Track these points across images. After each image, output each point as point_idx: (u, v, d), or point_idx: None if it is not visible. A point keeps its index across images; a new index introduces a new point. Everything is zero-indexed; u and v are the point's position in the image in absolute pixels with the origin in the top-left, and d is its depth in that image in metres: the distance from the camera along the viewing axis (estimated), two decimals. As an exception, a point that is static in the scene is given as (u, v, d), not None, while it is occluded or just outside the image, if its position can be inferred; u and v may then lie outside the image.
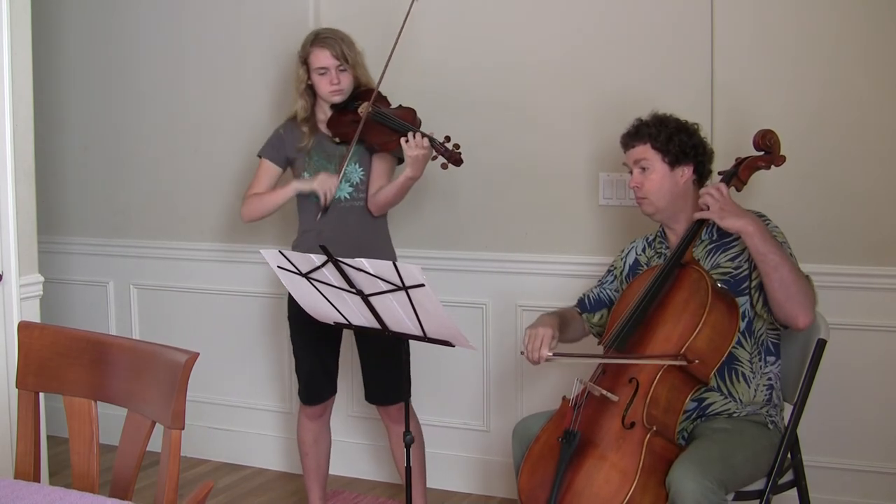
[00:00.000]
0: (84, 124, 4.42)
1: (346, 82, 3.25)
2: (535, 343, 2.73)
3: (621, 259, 3.03)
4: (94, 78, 4.38)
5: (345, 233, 3.25)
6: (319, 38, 3.25)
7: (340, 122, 3.25)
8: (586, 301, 3.03)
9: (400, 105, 3.27)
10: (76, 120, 4.44)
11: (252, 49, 4.03)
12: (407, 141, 3.10)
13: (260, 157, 3.40)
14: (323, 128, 3.30)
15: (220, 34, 4.09)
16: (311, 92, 3.30)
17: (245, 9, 4.03)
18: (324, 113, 3.30)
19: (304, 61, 3.27)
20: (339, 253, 2.67)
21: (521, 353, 2.78)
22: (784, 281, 2.59)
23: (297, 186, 3.28)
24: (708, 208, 2.68)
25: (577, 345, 3.00)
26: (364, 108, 3.20)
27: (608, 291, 3.01)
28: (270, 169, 3.37)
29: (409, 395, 3.36)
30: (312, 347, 3.37)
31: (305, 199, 3.32)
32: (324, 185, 3.20)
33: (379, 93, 3.26)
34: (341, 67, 3.22)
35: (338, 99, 3.25)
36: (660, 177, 2.81)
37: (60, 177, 4.46)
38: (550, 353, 2.71)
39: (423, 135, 3.12)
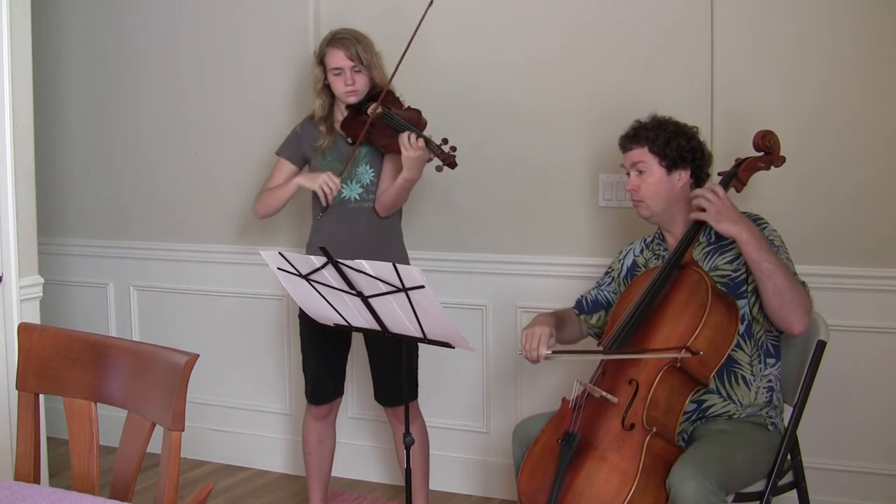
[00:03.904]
0: (84, 124, 4.42)
1: (361, 83, 3.25)
2: (532, 342, 2.73)
3: (619, 261, 3.04)
4: (94, 78, 4.38)
5: (355, 234, 3.26)
6: (335, 39, 3.25)
7: (353, 122, 3.25)
8: (584, 302, 3.04)
9: (408, 106, 3.27)
10: (76, 120, 4.44)
11: (252, 50, 4.03)
12: (403, 143, 3.10)
13: (278, 155, 3.41)
14: (339, 128, 3.31)
15: (221, 35, 4.09)
16: (328, 92, 3.31)
17: (245, 10, 4.03)
18: (341, 113, 3.31)
19: (321, 61, 3.28)
20: (349, 254, 2.67)
21: (519, 353, 2.78)
22: (779, 288, 2.59)
23: (299, 182, 3.27)
24: (703, 210, 2.68)
25: (576, 345, 3.00)
26: (372, 110, 3.20)
27: (605, 293, 3.01)
28: (286, 166, 3.37)
29: (417, 396, 3.38)
30: (320, 347, 3.37)
31: (318, 199, 3.32)
32: (324, 185, 3.20)
33: (392, 94, 3.26)
34: (356, 68, 3.22)
35: (353, 99, 3.25)
36: (656, 180, 2.81)
37: (60, 178, 4.46)
38: (549, 352, 2.71)
39: (420, 136, 3.12)
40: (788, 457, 2.71)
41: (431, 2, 3.18)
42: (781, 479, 2.69)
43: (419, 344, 2.94)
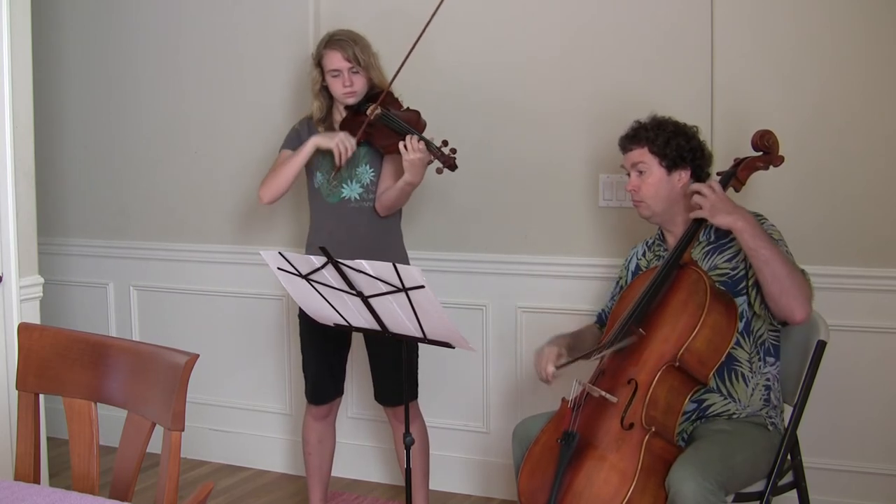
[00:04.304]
0: (84, 124, 4.42)
1: (359, 84, 3.25)
2: (541, 363, 2.76)
3: (625, 268, 3.04)
4: (94, 78, 4.38)
5: (355, 234, 3.26)
6: (332, 40, 3.25)
7: (352, 123, 3.25)
8: (603, 315, 3.05)
9: (408, 107, 3.27)
10: (76, 120, 4.44)
11: (252, 50, 4.03)
12: (404, 146, 3.10)
13: (281, 150, 3.40)
14: (338, 129, 3.30)
15: (221, 35, 4.09)
16: (326, 93, 3.31)
17: (245, 10, 4.03)
18: (340, 114, 3.31)
19: (318, 63, 3.28)
20: (349, 254, 2.67)
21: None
22: (777, 275, 2.59)
23: (315, 140, 3.23)
24: (700, 207, 2.68)
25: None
26: (371, 110, 3.20)
27: None
28: (287, 156, 3.35)
29: (417, 396, 3.38)
30: (320, 347, 3.37)
31: (317, 198, 3.32)
32: (341, 144, 3.16)
33: (391, 94, 3.26)
34: (353, 69, 3.23)
35: (351, 101, 3.26)
36: (656, 180, 2.81)
37: (60, 178, 4.46)
38: (553, 368, 2.72)
39: (420, 138, 3.12)
40: (788, 457, 2.71)
41: (442, 1, 3.17)
42: (781, 479, 2.69)
43: (419, 344, 2.94)
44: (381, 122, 3.20)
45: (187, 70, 4.17)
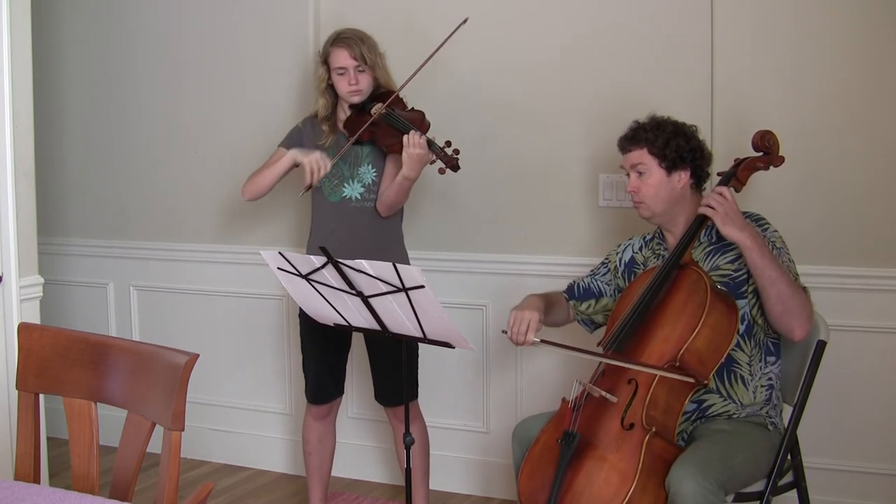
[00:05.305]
0: (84, 124, 4.42)
1: (365, 83, 3.25)
2: (520, 326, 2.75)
3: (617, 254, 3.03)
4: (94, 78, 4.38)
5: (356, 234, 3.26)
6: (340, 38, 3.26)
7: (356, 122, 3.25)
8: (575, 289, 3.03)
9: (412, 108, 3.28)
10: (76, 120, 4.44)
11: (252, 50, 4.03)
12: (406, 139, 3.11)
13: (278, 147, 3.41)
14: (342, 127, 3.30)
15: (221, 35, 4.09)
16: (331, 92, 3.31)
17: (245, 10, 4.03)
18: (344, 113, 3.31)
19: (325, 61, 3.28)
20: (349, 254, 2.67)
21: (504, 332, 2.79)
22: (781, 295, 2.60)
23: (293, 155, 3.25)
24: (713, 208, 2.68)
25: (569, 338, 3.00)
26: (376, 110, 3.21)
27: (599, 283, 3.01)
28: (282, 154, 3.36)
29: (417, 396, 3.38)
30: (320, 347, 3.37)
31: (318, 197, 3.32)
32: (314, 163, 3.17)
33: (396, 95, 3.26)
34: (360, 68, 3.23)
35: (356, 99, 3.26)
36: (656, 181, 2.80)
37: (60, 177, 4.46)
38: (537, 339, 2.72)
39: (423, 137, 3.12)
40: (788, 457, 2.71)
41: (465, 20, 3.21)
42: (781, 479, 2.69)
43: (419, 344, 2.94)
44: (384, 122, 3.20)
45: (187, 70, 4.17)
